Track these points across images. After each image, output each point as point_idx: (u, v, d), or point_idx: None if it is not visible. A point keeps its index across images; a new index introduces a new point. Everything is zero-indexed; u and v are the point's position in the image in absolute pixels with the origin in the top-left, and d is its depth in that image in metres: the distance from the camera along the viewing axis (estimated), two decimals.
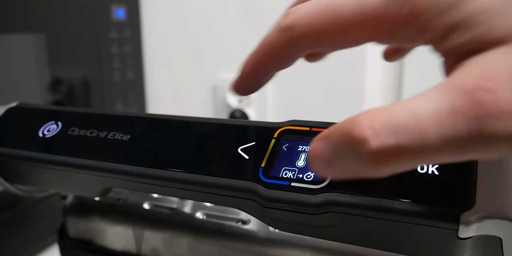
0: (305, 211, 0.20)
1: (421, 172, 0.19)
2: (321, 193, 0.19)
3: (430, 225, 0.18)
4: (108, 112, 0.27)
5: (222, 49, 0.74)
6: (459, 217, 0.17)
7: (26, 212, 0.51)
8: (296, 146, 0.22)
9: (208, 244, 0.30)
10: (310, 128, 0.22)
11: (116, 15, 0.64)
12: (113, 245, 0.34)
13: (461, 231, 0.18)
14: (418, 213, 0.18)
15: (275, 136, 0.23)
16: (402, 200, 0.18)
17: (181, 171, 0.23)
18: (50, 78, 0.58)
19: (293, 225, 0.21)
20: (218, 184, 0.21)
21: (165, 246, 0.32)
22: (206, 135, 0.24)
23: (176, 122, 0.25)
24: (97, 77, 0.62)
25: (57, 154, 0.26)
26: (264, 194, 0.20)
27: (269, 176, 0.21)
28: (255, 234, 0.29)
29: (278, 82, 0.71)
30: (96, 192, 0.27)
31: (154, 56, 0.77)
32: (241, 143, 0.23)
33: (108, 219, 0.34)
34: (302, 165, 0.21)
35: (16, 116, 0.30)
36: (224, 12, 0.72)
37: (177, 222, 0.31)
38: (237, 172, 0.22)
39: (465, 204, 0.18)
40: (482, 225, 0.18)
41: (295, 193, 0.20)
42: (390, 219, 0.18)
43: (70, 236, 0.36)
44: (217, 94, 0.75)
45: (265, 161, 0.22)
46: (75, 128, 0.27)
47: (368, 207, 0.19)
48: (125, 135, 0.25)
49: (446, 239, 0.18)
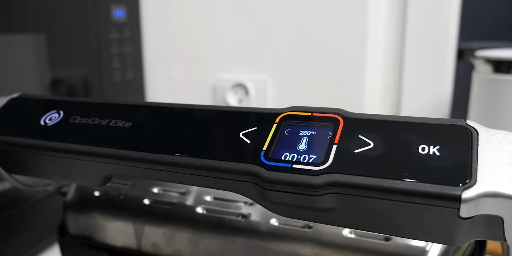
0: (307, 192, 0.20)
1: (422, 153, 0.19)
2: (322, 174, 0.20)
3: (432, 204, 0.18)
4: (109, 101, 0.28)
5: (222, 49, 0.74)
6: (460, 196, 0.17)
7: (26, 212, 0.51)
8: (298, 130, 0.22)
9: (208, 239, 0.30)
10: (312, 113, 0.22)
11: (116, 15, 0.64)
12: (113, 241, 0.34)
13: (462, 210, 0.18)
14: (420, 192, 0.18)
15: (276, 121, 0.23)
16: (404, 180, 0.18)
17: (183, 155, 0.23)
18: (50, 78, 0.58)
19: (294, 209, 0.21)
20: (220, 167, 0.21)
21: (166, 241, 0.32)
22: (208, 121, 0.24)
23: (178, 109, 0.25)
24: (97, 77, 0.62)
25: (59, 141, 0.26)
26: (265, 175, 0.20)
27: (270, 158, 0.21)
28: (256, 228, 0.29)
29: (278, 82, 0.72)
30: (97, 180, 0.27)
31: (154, 56, 0.77)
32: (243, 128, 0.23)
33: (108, 215, 0.34)
34: (304, 149, 0.21)
35: (18, 106, 0.30)
36: (224, 12, 0.72)
37: (177, 217, 0.31)
38: (238, 155, 0.22)
39: (467, 183, 0.18)
40: (483, 203, 0.18)
41: (296, 174, 0.20)
42: (392, 199, 0.19)
43: (70, 232, 0.36)
44: (217, 94, 0.75)
45: (266, 144, 0.22)
46: (77, 116, 0.27)
47: (370, 187, 0.19)
48: (127, 122, 0.25)
49: (448, 220, 0.18)
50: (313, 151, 0.21)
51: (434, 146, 0.19)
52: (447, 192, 0.18)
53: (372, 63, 0.67)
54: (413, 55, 0.70)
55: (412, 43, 0.69)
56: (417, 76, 0.71)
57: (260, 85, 0.72)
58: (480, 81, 0.60)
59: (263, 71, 0.72)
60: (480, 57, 0.59)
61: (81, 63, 0.62)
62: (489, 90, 0.58)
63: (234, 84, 0.73)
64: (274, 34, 0.70)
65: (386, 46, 0.70)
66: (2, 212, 0.48)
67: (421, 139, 0.20)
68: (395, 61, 0.71)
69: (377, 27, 0.67)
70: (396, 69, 0.71)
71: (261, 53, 0.72)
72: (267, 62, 0.72)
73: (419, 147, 0.19)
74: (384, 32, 0.69)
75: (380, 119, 0.21)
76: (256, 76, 0.72)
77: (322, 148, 0.21)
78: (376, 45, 0.68)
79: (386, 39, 0.70)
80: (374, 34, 0.66)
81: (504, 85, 0.56)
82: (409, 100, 0.71)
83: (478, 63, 0.60)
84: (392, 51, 0.71)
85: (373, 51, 0.67)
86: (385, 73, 0.71)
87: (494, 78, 0.57)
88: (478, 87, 0.60)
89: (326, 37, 0.67)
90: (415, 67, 0.70)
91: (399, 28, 0.70)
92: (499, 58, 0.57)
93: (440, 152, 0.19)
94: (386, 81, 0.72)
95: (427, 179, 0.18)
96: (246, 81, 0.72)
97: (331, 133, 0.21)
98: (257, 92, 0.72)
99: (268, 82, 0.72)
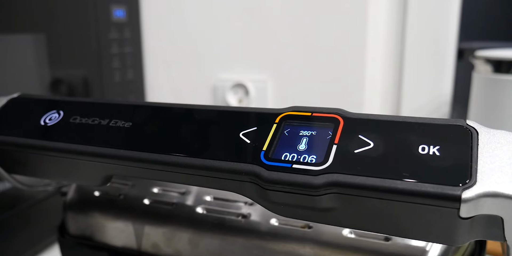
0: (307, 192, 0.20)
1: (422, 153, 0.19)
2: (322, 174, 0.20)
3: (432, 204, 0.18)
4: (109, 101, 0.28)
5: (222, 49, 0.74)
6: (460, 196, 0.17)
7: (26, 212, 0.51)
8: (298, 130, 0.22)
9: (208, 239, 0.30)
10: (312, 113, 0.22)
11: (116, 15, 0.64)
12: (113, 241, 0.34)
13: (462, 210, 0.18)
14: (420, 192, 0.18)
15: (276, 121, 0.23)
16: (404, 180, 0.18)
17: (183, 155, 0.23)
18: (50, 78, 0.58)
19: (294, 209, 0.21)
20: (220, 167, 0.21)
21: (166, 241, 0.32)
22: (208, 121, 0.24)
23: (178, 109, 0.25)
24: (97, 77, 0.62)
25: (59, 141, 0.26)
26: (265, 175, 0.20)
27: (270, 158, 0.21)
28: (256, 228, 0.29)
29: (278, 82, 0.72)
30: (97, 180, 0.27)
31: (154, 56, 0.77)
32: (243, 128, 0.23)
33: (108, 215, 0.34)
34: (304, 149, 0.21)
35: (18, 106, 0.30)
36: (224, 13, 0.72)
37: (177, 217, 0.31)
38: (238, 155, 0.22)
39: (467, 183, 0.18)
40: (483, 203, 0.18)
41: (296, 174, 0.20)
42: (392, 199, 0.18)
43: (70, 232, 0.36)
44: (217, 94, 0.75)
45: (266, 145, 0.22)
46: (77, 116, 0.27)
47: (370, 187, 0.19)
48: (127, 122, 0.25)
49: (448, 220, 0.18)
50: (313, 151, 0.21)
51: (434, 146, 0.19)
52: (447, 192, 0.18)
53: (372, 63, 0.67)
54: (413, 55, 0.70)
55: (412, 43, 0.69)
56: (417, 76, 0.71)
57: (260, 85, 0.72)
58: (480, 81, 0.60)
59: (263, 71, 0.72)
60: (480, 57, 0.59)
61: (81, 63, 0.62)
62: (489, 90, 0.58)
63: (234, 84, 0.73)
64: (274, 34, 0.70)
65: (386, 46, 0.70)
66: (2, 212, 0.48)
67: (421, 139, 0.20)
68: (395, 61, 0.71)
69: (377, 27, 0.67)
70: (396, 69, 0.71)
71: (261, 53, 0.72)
72: (267, 62, 0.72)
73: (419, 147, 0.19)
74: (384, 32, 0.69)
75: (380, 119, 0.21)
76: (256, 76, 0.72)
77: (322, 148, 0.21)
78: (376, 45, 0.68)
79: (386, 39, 0.70)
80: (374, 34, 0.66)
81: (504, 85, 0.56)
82: (409, 100, 0.71)
83: (478, 63, 0.60)
84: (392, 51, 0.71)
85: (373, 51, 0.67)
86: (385, 73, 0.71)
87: (494, 78, 0.57)
88: (478, 87, 0.60)
89: (326, 37, 0.67)
90: (415, 67, 0.70)
91: (399, 28, 0.70)
92: (499, 58, 0.57)
93: (440, 152, 0.19)
94: (386, 81, 0.72)
95: (427, 179, 0.18)
96: (246, 81, 0.72)
97: (331, 133, 0.21)
98: (257, 92, 0.72)
99: (268, 82, 0.72)
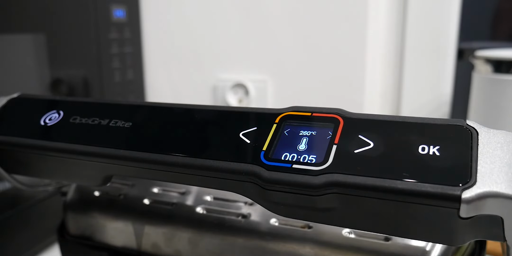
0: (307, 192, 0.20)
1: (422, 153, 0.19)
2: (322, 174, 0.20)
3: (432, 204, 0.18)
4: (109, 101, 0.27)
5: (222, 49, 0.74)
6: (460, 196, 0.17)
7: (26, 212, 0.51)
8: (298, 130, 0.22)
9: (208, 239, 0.30)
10: (312, 113, 0.22)
11: (116, 15, 0.64)
12: (113, 241, 0.34)
13: (462, 210, 0.18)
14: (420, 192, 0.18)
15: (276, 121, 0.23)
16: (404, 180, 0.18)
17: (182, 155, 0.23)
18: (50, 78, 0.58)
19: (294, 209, 0.21)
20: (220, 167, 0.21)
21: (166, 241, 0.32)
22: (208, 121, 0.24)
23: (178, 109, 0.25)
24: (97, 77, 0.62)
25: (59, 141, 0.26)
26: (265, 176, 0.20)
27: (270, 158, 0.21)
28: (256, 228, 0.29)
29: (278, 82, 0.72)
30: (97, 180, 0.27)
31: (154, 56, 0.77)
32: (243, 128, 0.23)
33: (108, 215, 0.34)
34: (304, 149, 0.21)
35: (17, 106, 0.30)
36: (224, 12, 0.72)
37: (177, 217, 0.31)
38: (238, 155, 0.22)
39: (467, 183, 0.18)
40: (483, 203, 0.18)
41: (296, 174, 0.20)
42: (392, 199, 0.18)
43: (70, 232, 0.36)
44: (217, 94, 0.75)
45: (266, 145, 0.22)
46: (77, 116, 0.27)
47: (370, 187, 0.19)
48: (127, 122, 0.25)
49: (448, 220, 0.18)
50: (313, 151, 0.21)
51: (434, 146, 0.19)
52: (447, 192, 0.18)
53: (372, 63, 0.67)
54: (413, 55, 0.70)
55: (412, 43, 0.69)
56: (417, 76, 0.71)
57: (260, 85, 0.72)
58: (480, 81, 0.60)
59: (263, 71, 0.72)
60: (480, 57, 0.59)
61: (81, 63, 0.62)
62: (489, 90, 0.58)
63: (234, 84, 0.73)
64: (274, 34, 0.70)
65: (386, 46, 0.70)
66: (2, 212, 0.48)
67: (421, 139, 0.20)
68: (395, 61, 0.71)
69: (377, 27, 0.67)
70: (396, 69, 0.71)
71: (261, 53, 0.72)
72: (267, 62, 0.72)
73: (419, 147, 0.19)
74: (384, 32, 0.69)
75: (380, 119, 0.21)
76: (256, 76, 0.72)
77: (322, 148, 0.21)
78: (376, 45, 0.68)
79: (386, 39, 0.70)
80: (374, 34, 0.66)
81: (504, 85, 0.56)
82: (409, 100, 0.71)
83: (478, 63, 0.60)
84: (392, 51, 0.71)
85: (373, 51, 0.67)
86: (385, 73, 0.71)
87: (494, 78, 0.57)
88: (478, 87, 0.60)
89: (326, 37, 0.67)
90: (415, 67, 0.70)
91: (399, 28, 0.70)
92: (499, 58, 0.57)
93: (440, 152, 0.19)
94: (386, 81, 0.72)
95: (427, 179, 0.18)
96: (246, 81, 0.72)
97: (331, 133, 0.21)
98: (257, 92, 0.72)
99: (268, 82, 0.72)
